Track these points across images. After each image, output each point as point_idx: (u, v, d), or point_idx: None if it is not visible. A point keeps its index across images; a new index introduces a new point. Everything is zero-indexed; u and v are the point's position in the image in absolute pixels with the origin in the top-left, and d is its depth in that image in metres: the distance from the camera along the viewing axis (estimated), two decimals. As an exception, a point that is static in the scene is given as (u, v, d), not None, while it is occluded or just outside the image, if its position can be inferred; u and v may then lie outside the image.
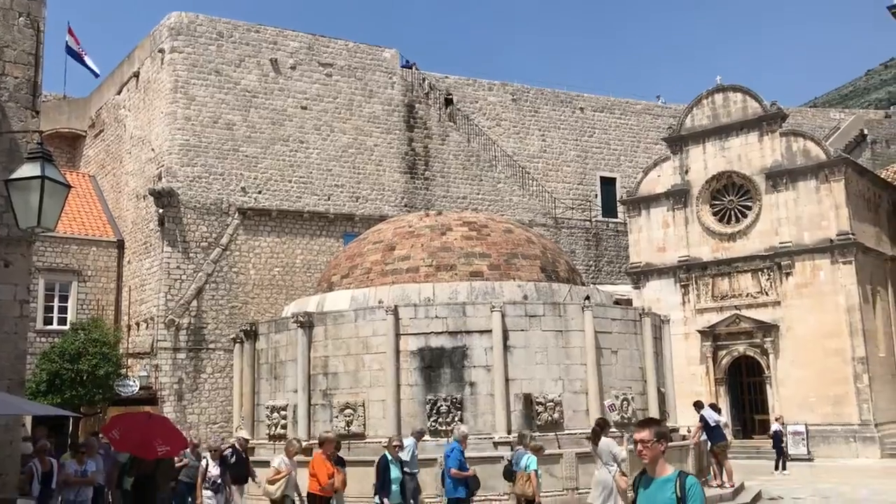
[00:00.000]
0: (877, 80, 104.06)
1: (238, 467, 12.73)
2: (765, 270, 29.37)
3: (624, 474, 10.92)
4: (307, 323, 16.09)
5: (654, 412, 16.89)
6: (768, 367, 28.78)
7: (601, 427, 11.71)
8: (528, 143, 37.66)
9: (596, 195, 39.25)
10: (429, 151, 34.70)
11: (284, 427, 16.02)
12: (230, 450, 12.90)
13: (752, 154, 30.22)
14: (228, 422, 23.49)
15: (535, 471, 11.44)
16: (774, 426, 24.18)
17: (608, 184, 39.59)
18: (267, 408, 16.59)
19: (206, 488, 11.94)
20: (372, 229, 19.98)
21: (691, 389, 28.14)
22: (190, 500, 13.00)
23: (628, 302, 29.07)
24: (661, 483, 4.86)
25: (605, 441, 11.38)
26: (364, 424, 15.24)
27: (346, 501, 14.24)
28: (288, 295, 29.07)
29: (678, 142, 32.04)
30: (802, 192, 28.95)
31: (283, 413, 16.22)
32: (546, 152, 38.04)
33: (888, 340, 29.52)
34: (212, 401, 28.39)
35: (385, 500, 11.16)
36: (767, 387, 28.87)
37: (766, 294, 29.25)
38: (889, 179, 34.71)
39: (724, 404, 28.55)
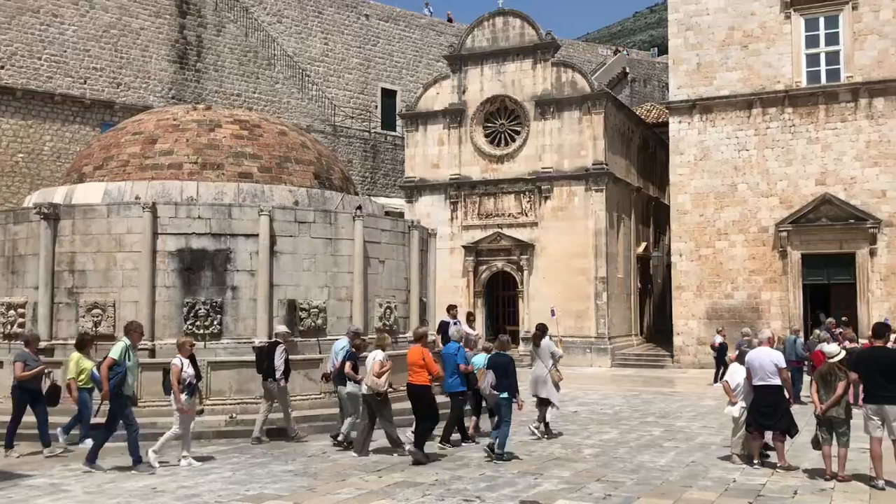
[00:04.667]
0: (643, 22, 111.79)
1: (287, 363, 12.84)
2: (527, 193, 31.08)
3: (557, 370, 13.39)
4: (52, 215, 14.72)
5: (415, 321, 17.50)
6: (522, 283, 30.83)
7: (542, 331, 13.56)
8: (310, 44, 36.53)
9: (376, 106, 39.15)
10: (202, 41, 32.56)
11: (22, 325, 14.75)
12: (282, 346, 12.77)
13: (525, 80, 31.43)
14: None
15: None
16: (717, 338, 23.45)
17: (389, 96, 39.59)
18: (2, 304, 15.15)
19: (182, 391, 10.98)
20: (132, 119, 18.47)
21: (453, 300, 29.43)
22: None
23: (401, 215, 29.66)
24: None
25: (545, 342, 13.37)
26: (114, 325, 14.37)
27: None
28: (33, 184, 26.49)
29: (458, 61, 32.54)
30: (567, 122, 30.69)
31: (20, 311, 14.90)
32: (328, 56, 37.14)
33: (627, 263, 32.63)
34: (-63, 296, 25.48)
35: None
36: (520, 301, 30.97)
37: (526, 215, 31.05)
38: (642, 116, 37.73)
39: (480, 315, 30.30)
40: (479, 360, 13.03)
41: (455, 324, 16.21)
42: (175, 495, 9.29)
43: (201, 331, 14.52)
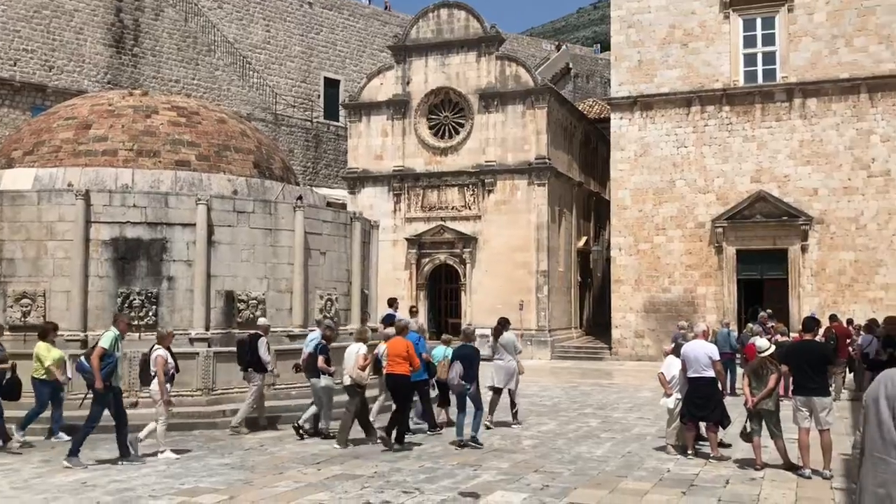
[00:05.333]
0: (586, 18, 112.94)
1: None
2: (470, 186, 31.16)
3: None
4: (-22, 202, 14.19)
5: (356, 313, 17.40)
6: (464, 276, 30.93)
7: (503, 325, 13.90)
8: (252, 31, 35.92)
9: (319, 95, 38.74)
10: (139, 25, 31.73)
11: (-55, 317, 14.17)
12: (264, 339, 12.93)
13: (469, 73, 31.47)
14: None
15: (448, 357, 13.02)
16: (677, 332, 23.45)
17: (332, 86, 39.22)
18: (-76, 295, 14.52)
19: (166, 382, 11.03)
20: (65, 103, 17.91)
21: (395, 293, 29.38)
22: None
23: (343, 206, 29.41)
24: None
25: (507, 335, 13.58)
26: (44, 316, 13.93)
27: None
28: (-41, 169, 25.43)
29: (402, 52, 32.39)
30: (510, 116, 30.84)
31: (-56, 301, 14.31)
32: (270, 44, 36.58)
33: (568, 257, 33.00)
34: None
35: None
36: (462, 293, 31.07)
37: (470, 208, 31.14)
38: (585, 112, 38.14)
39: (422, 307, 30.31)
40: (439, 352, 13.28)
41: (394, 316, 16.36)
42: (106, 490, 9.05)
43: (136, 322, 14.17)
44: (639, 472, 10.20)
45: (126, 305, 14.14)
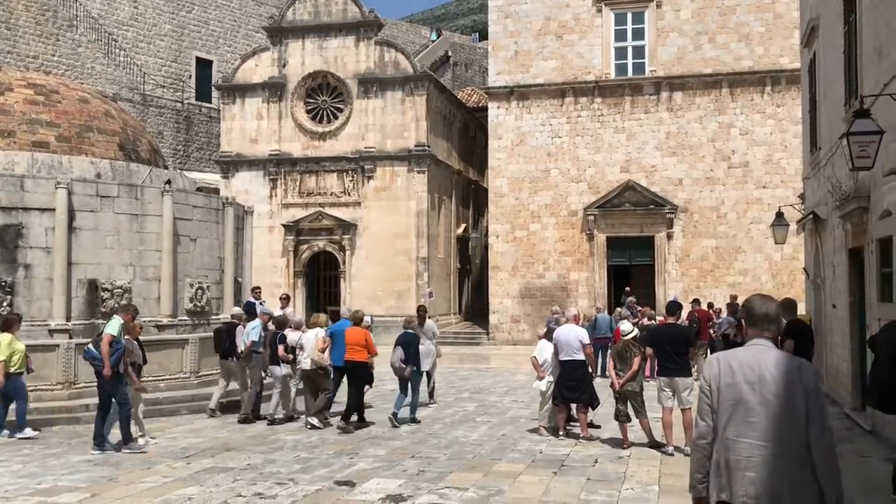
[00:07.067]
0: (465, 7, 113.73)
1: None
2: (349, 172, 30.88)
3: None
4: None
5: (229, 301, 16.93)
6: (344, 263, 30.67)
7: (424, 312, 15.15)
8: (117, 7, 34.17)
9: (191, 76, 37.35)
10: (-9, -5, 29.61)
11: None
12: (241, 327, 13.30)
13: (348, 58, 31.11)
14: None
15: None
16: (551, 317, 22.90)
17: (204, 66, 37.90)
18: None
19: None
20: None
21: (272, 281, 28.91)
22: None
23: (216, 191, 28.51)
24: None
25: (428, 322, 14.87)
26: None
27: None
28: None
29: (279, 33, 31.66)
30: (390, 102, 30.73)
31: None
32: (138, 21, 34.91)
33: (447, 244, 33.28)
34: None
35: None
36: (342, 280, 30.81)
37: (349, 194, 30.87)
38: (464, 100, 38.47)
39: (300, 295, 29.91)
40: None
41: (262, 303, 16.25)
42: (-48, 494, 8.43)
43: (-12, 313, 13.27)
44: (512, 454, 10.41)
45: (-24, 295, 13.22)
